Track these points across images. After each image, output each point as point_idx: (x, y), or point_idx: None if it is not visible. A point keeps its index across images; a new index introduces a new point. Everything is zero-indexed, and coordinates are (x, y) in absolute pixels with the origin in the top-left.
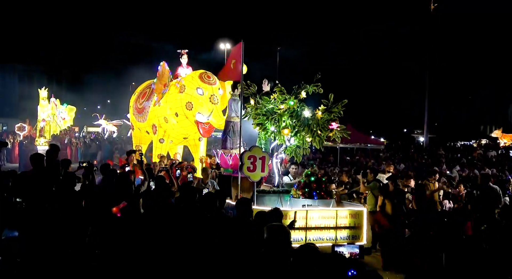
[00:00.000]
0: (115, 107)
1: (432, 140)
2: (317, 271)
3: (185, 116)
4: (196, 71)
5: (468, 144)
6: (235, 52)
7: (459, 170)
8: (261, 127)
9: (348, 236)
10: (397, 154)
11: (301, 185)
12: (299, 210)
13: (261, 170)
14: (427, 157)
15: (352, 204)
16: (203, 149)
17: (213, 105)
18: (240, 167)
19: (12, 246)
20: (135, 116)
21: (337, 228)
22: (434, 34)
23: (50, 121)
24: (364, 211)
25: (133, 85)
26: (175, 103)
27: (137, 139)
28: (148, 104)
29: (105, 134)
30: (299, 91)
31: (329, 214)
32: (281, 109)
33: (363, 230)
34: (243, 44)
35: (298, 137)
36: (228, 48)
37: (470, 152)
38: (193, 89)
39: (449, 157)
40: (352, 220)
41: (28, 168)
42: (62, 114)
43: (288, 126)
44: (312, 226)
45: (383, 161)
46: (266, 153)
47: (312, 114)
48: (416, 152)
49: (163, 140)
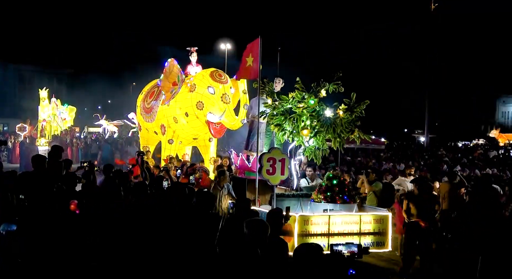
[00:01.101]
0: (116, 108)
1: (433, 139)
2: (317, 271)
3: (196, 116)
4: (207, 70)
5: (467, 144)
6: (251, 49)
7: (460, 170)
8: (279, 128)
9: (373, 243)
10: (397, 154)
11: (322, 189)
12: (321, 215)
13: (281, 173)
14: (427, 157)
15: (376, 209)
16: (213, 149)
17: (225, 105)
18: (259, 169)
19: (12, 245)
20: (142, 116)
21: (361, 234)
22: (434, 34)
23: (51, 122)
24: (390, 216)
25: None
26: (185, 102)
27: (145, 140)
28: (156, 104)
29: (105, 135)
30: (318, 90)
31: (353, 219)
32: (300, 108)
33: (388, 236)
34: (261, 41)
35: (317, 138)
36: (229, 48)
37: (471, 151)
38: (204, 88)
39: (450, 156)
40: (377, 226)
41: (29, 168)
42: (63, 115)
43: (307, 127)
44: (334, 232)
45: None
46: (286, 155)
47: (334, 114)
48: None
49: (172, 140)
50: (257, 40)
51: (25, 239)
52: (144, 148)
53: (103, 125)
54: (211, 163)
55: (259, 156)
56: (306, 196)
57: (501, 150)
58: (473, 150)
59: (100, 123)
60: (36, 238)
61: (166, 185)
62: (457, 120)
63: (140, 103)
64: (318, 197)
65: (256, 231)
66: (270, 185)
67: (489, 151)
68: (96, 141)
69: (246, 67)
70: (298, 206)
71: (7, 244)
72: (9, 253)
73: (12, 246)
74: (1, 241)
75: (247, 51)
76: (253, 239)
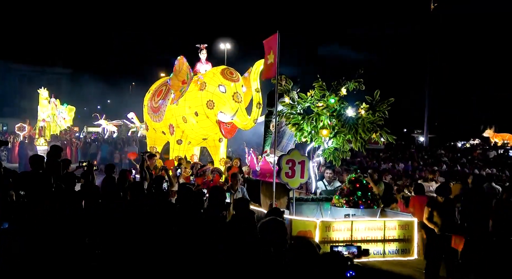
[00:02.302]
0: (115, 108)
1: (432, 139)
2: (316, 271)
3: (206, 116)
4: (217, 67)
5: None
6: (270, 45)
7: (459, 170)
8: (297, 127)
9: (397, 250)
10: (397, 153)
11: (344, 192)
12: (344, 221)
13: (301, 176)
14: (427, 157)
15: (399, 213)
16: (223, 150)
17: (237, 104)
18: (277, 172)
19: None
20: (150, 116)
21: (385, 241)
22: (434, 34)
23: (50, 122)
24: (415, 222)
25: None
26: (195, 101)
27: (152, 140)
28: (164, 103)
29: (105, 135)
30: (338, 88)
31: (377, 225)
32: (319, 107)
33: (413, 243)
34: (279, 36)
35: (337, 139)
36: (228, 47)
37: (470, 151)
38: (214, 87)
39: (449, 156)
40: (402, 232)
41: (28, 168)
42: (62, 115)
43: (326, 127)
44: (357, 238)
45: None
46: (306, 156)
47: (356, 113)
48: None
49: (181, 141)
50: (274, 36)
51: (24, 238)
52: (151, 148)
53: (102, 125)
54: (221, 164)
55: (277, 157)
56: (326, 200)
57: (501, 150)
58: (472, 149)
59: (100, 123)
60: (34, 237)
61: (165, 186)
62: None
63: (147, 102)
64: (340, 201)
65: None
66: (289, 188)
67: (488, 151)
68: (95, 141)
69: (268, 65)
70: (317, 210)
71: (6, 243)
72: (8, 253)
73: (11, 245)
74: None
75: (266, 49)
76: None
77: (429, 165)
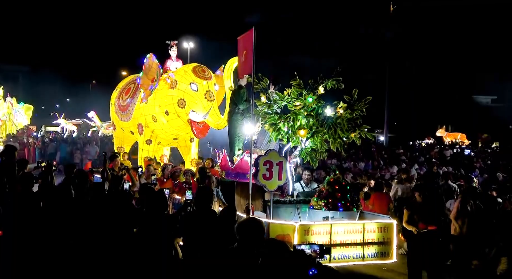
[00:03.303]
0: (75, 106)
1: (392, 139)
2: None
3: (177, 115)
4: (189, 65)
5: (419, 143)
6: (244, 41)
7: (417, 168)
8: (274, 128)
9: (377, 253)
10: (358, 152)
11: (323, 194)
12: (323, 224)
13: (278, 178)
14: (386, 156)
15: (378, 215)
16: (195, 150)
17: (210, 103)
18: (254, 173)
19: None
20: (117, 114)
21: (364, 244)
22: (393, 34)
23: (6, 121)
24: (394, 224)
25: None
26: (166, 100)
27: (119, 140)
28: (133, 102)
29: (64, 134)
30: (316, 86)
31: (356, 228)
32: (297, 106)
33: (392, 245)
34: (255, 32)
35: (315, 139)
36: (192, 46)
37: (428, 150)
38: (186, 85)
39: (407, 155)
40: (381, 235)
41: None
42: (19, 114)
43: (304, 127)
44: (337, 242)
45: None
46: (283, 157)
47: (334, 113)
48: (376, 151)
49: (151, 141)
50: (250, 32)
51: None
52: (119, 149)
53: (61, 124)
54: (193, 164)
55: (255, 159)
56: (304, 202)
57: (457, 148)
58: (430, 149)
59: (59, 122)
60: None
61: (127, 187)
62: (416, 119)
63: (114, 100)
64: (318, 203)
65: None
66: (267, 191)
67: (445, 150)
68: (53, 140)
69: (243, 62)
70: (295, 213)
71: None
72: None
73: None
74: None
75: (240, 46)
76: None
77: (388, 164)
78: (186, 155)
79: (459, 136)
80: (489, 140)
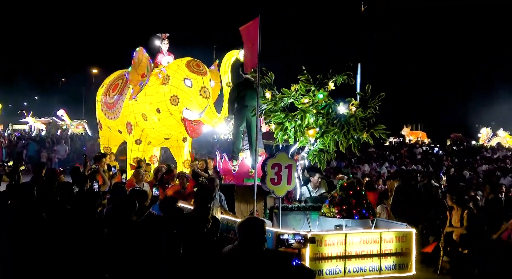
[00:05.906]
0: (44, 104)
1: None
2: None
3: (169, 113)
4: (182, 59)
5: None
6: (249, 32)
7: (387, 167)
8: (281, 127)
9: (394, 265)
10: None
11: (336, 201)
12: (337, 234)
13: (287, 182)
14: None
15: (394, 223)
16: (187, 151)
17: (205, 100)
18: (262, 178)
19: None
20: (104, 112)
21: (381, 255)
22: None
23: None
24: (413, 233)
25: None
26: (157, 97)
27: (106, 139)
28: (121, 99)
29: (32, 133)
30: (325, 82)
31: (372, 238)
32: (305, 104)
33: (412, 257)
34: (260, 21)
35: (325, 139)
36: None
37: (397, 149)
38: (179, 81)
39: (378, 154)
40: (399, 245)
41: None
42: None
43: (313, 126)
44: (352, 253)
45: None
46: (293, 160)
47: (348, 111)
48: None
49: (140, 140)
50: (255, 21)
51: None
52: (105, 149)
53: (29, 123)
54: (186, 166)
55: (261, 161)
56: (313, 208)
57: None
58: (400, 147)
59: (27, 120)
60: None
61: (97, 187)
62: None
63: (100, 98)
64: (331, 210)
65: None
66: (276, 197)
67: (415, 148)
68: (21, 139)
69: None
70: (304, 221)
71: None
72: None
73: None
74: None
75: (244, 37)
76: None
77: (360, 162)
78: (179, 155)
79: (420, 135)
80: (460, 138)
